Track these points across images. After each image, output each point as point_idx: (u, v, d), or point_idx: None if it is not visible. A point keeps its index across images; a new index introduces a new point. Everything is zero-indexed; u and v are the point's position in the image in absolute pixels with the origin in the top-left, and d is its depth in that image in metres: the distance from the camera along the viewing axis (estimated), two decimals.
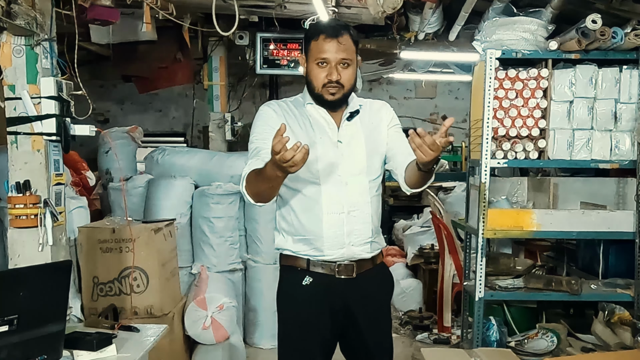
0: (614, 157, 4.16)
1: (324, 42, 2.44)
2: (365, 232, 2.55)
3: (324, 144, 2.51)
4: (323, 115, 2.55)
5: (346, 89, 2.49)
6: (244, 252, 5.29)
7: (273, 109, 2.56)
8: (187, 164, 5.20)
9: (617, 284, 4.24)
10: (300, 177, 2.43)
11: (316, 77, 2.46)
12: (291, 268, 2.60)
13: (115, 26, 4.37)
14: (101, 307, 3.77)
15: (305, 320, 2.56)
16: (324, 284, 2.53)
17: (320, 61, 2.44)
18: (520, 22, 4.15)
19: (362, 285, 2.56)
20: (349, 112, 2.57)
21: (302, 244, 2.53)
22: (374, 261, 2.62)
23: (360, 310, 2.58)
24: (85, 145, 6.92)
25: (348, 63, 2.46)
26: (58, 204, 3.07)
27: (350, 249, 2.53)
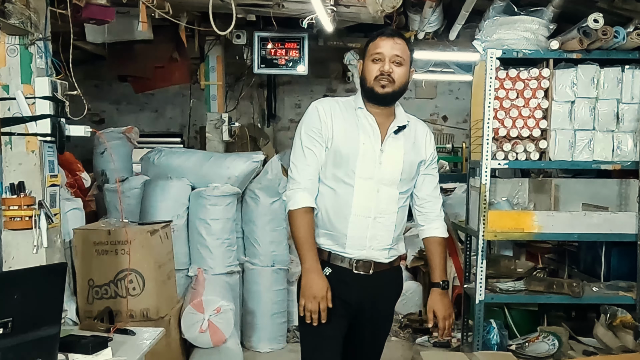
0: (616, 158, 4.17)
1: (380, 40, 2.64)
2: (387, 239, 2.72)
3: (366, 149, 2.67)
4: (370, 122, 2.70)
5: (397, 85, 2.63)
6: (241, 254, 5.29)
7: (324, 107, 2.71)
8: (184, 165, 5.20)
9: (619, 286, 4.26)
10: (337, 176, 2.66)
11: (370, 72, 2.64)
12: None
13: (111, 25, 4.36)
14: (96, 310, 3.78)
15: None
16: (341, 276, 2.70)
17: (375, 57, 2.63)
18: (521, 22, 4.16)
19: (377, 283, 2.73)
20: (397, 125, 2.72)
21: (327, 238, 2.71)
22: (391, 264, 2.78)
23: (368, 306, 2.75)
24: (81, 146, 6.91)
25: (401, 62, 2.63)
26: (53, 206, 3.06)
27: (370, 252, 2.70)
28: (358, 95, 2.76)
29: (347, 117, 2.70)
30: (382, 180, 2.67)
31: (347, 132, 2.67)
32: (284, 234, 5.41)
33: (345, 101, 2.77)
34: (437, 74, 8.44)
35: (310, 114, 2.71)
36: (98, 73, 8.34)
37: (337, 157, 2.65)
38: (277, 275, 5.32)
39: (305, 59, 5.90)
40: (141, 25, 4.41)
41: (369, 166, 2.65)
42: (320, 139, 2.67)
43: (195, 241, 4.98)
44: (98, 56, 6.64)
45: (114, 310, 3.69)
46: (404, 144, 2.72)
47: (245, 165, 5.11)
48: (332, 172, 2.67)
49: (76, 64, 3.20)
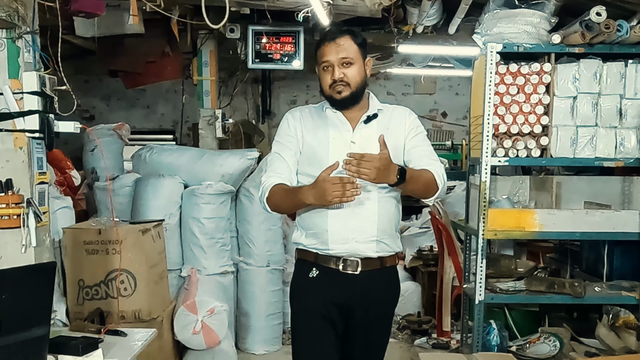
0: (619, 155, 4.19)
1: (324, 47, 2.73)
2: (370, 229, 2.71)
3: (337, 143, 2.73)
4: (339, 118, 2.78)
5: (353, 86, 2.71)
6: (235, 254, 5.30)
7: (293, 115, 2.86)
8: (176, 163, 5.20)
9: (622, 286, 4.27)
10: (311, 174, 2.66)
11: (323, 80, 2.75)
12: (302, 261, 2.83)
13: (101, 19, 4.37)
14: (87, 311, 3.79)
15: (311, 310, 2.75)
16: (328, 277, 2.73)
17: (324, 65, 2.73)
18: (522, 15, 4.17)
19: (366, 284, 2.72)
20: (367, 115, 2.78)
21: (312, 238, 2.75)
22: (382, 262, 2.76)
23: (359, 309, 2.74)
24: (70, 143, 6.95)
25: (350, 62, 2.70)
26: (42, 204, 3.07)
27: (354, 245, 2.70)
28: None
29: (317, 119, 2.82)
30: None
31: (317, 131, 2.78)
32: (279, 233, 5.42)
33: (318, 105, 2.89)
34: (436, 69, 8.47)
35: (282, 124, 2.87)
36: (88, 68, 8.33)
37: (310, 155, 2.76)
38: (272, 276, 5.33)
39: (300, 54, 5.90)
40: (132, 18, 4.40)
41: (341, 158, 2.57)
42: (291, 145, 2.79)
43: (188, 240, 4.99)
44: (88, 50, 6.63)
45: (105, 311, 3.70)
46: (377, 131, 2.71)
47: (240, 162, 5.11)
48: (307, 171, 2.75)
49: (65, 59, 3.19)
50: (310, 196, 2.55)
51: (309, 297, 2.77)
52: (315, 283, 2.75)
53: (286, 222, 5.92)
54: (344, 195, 2.46)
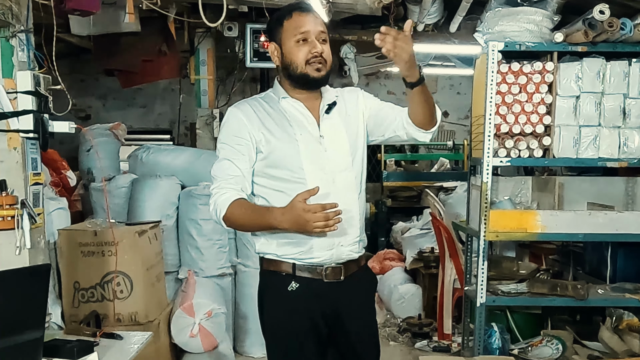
0: (622, 155, 4.18)
1: (300, 17, 2.47)
2: (355, 230, 2.57)
3: (306, 141, 2.51)
4: (300, 110, 2.55)
5: (328, 65, 2.50)
6: (233, 256, 5.29)
7: (243, 112, 2.53)
8: (173, 163, 5.21)
9: (626, 288, 4.26)
10: (283, 177, 2.49)
11: (297, 55, 2.46)
12: (274, 273, 2.56)
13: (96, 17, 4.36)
14: (82, 313, 3.78)
15: (292, 329, 2.54)
16: (310, 289, 2.52)
17: (300, 37, 2.45)
18: (524, 13, 4.17)
19: (350, 288, 2.58)
20: (327, 104, 2.57)
21: (289, 247, 2.51)
22: (358, 263, 2.63)
23: (349, 315, 2.60)
24: (66, 143, 6.93)
25: (325, 39, 2.49)
26: (36, 205, 3.07)
27: (340, 249, 2.53)
28: (277, 87, 2.59)
29: (273, 114, 2.54)
30: (334, 168, 2.52)
31: (278, 129, 2.51)
32: None
33: (265, 96, 2.62)
34: (437, 68, 8.48)
35: (228, 121, 2.54)
36: (84, 67, 8.35)
37: (276, 158, 2.49)
38: None
39: None
40: (128, 16, 4.41)
41: (315, 156, 2.50)
42: (242, 149, 2.48)
43: (186, 242, 4.99)
44: (84, 49, 6.64)
45: (101, 314, 3.69)
46: (341, 121, 2.58)
47: None
48: (275, 175, 2.49)
49: (60, 57, 3.20)
50: (284, 223, 2.32)
51: (288, 314, 2.54)
52: (294, 298, 2.52)
53: None
54: (327, 225, 2.26)
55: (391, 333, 5.73)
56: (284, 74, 2.56)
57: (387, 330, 5.81)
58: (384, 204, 8.26)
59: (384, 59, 7.72)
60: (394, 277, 6.43)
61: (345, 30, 6.47)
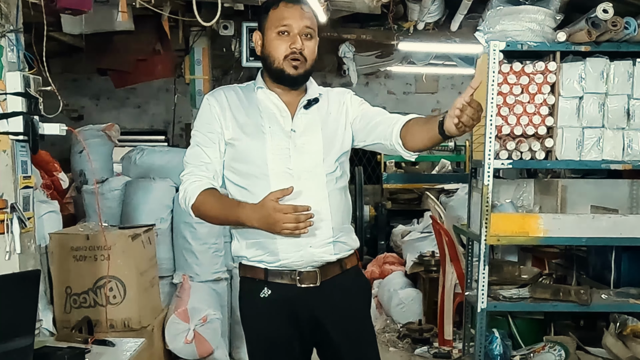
0: (626, 157, 4.19)
1: (286, 8, 2.40)
2: (325, 232, 2.44)
3: (274, 134, 2.44)
4: (275, 102, 2.48)
5: (308, 64, 2.43)
6: (229, 260, 5.29)
7: (217, 100, 2.49)
8: (168, 165, 5.20)
9: (630, 293, 4.27)
10: (247, 172, 2.43)
11: (276, 48, 2.40)
12: (249, 279, 2.51)
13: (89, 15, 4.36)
14: (74, 319, 3.78)
15: (268, 337, 2.49)
16: (284, 295, 2.45)
17: (281, 29, 2.39)
18: (526, 12, 4.17)
19: (330, 294, 2.47)
20: (307, 99, 2.50)
21: (256, 249, 2.44)
22: (342, 266, 2.52)
23: (331, 322, 2.50)
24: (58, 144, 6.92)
25: (311, 34, 2.43)
26: (26, 209, 3.07)
27: (309, 250, 2.42)
28: (258, 76, 2.53)
29: (246, 103, 2.48)
30: (301, 164, 2.42)
31: (248, 120, 2.44)
32: None
33: (246, 86, 2.56)
34: (438, 67, 8.48)
35: (202, 109, 2.51)
36: (76, 66, 8.34)
37: (242, 151, 2.43)
38: None
39: None
40: (121, 15, 4.42)
41: (283, 152, 2.42)
42: (213, 137, 2.44)
43: (180, 246, 4.99)
44: (76, 48, 6.63)
45: (93, 320, 3.69)
46: (319, 118, 2.50)
47: None
48: (240, 169, 2.44)
49: (52, 56, 3.21)
50: (254, 221, 2.26)
51: (264, 322, 2.48)
52: (268, 305, 2.45)
53: None
54: (298, 228, 2.20)
55: (391, 339, 5.74)
56: (263, 65, 2.50)
57: (387, 335, 5.81)
58: (383, 206, 8.27)
59: (384, 58, 7.73)
60: (394, 282, 6.44)
61: (344, 29, 6.48)
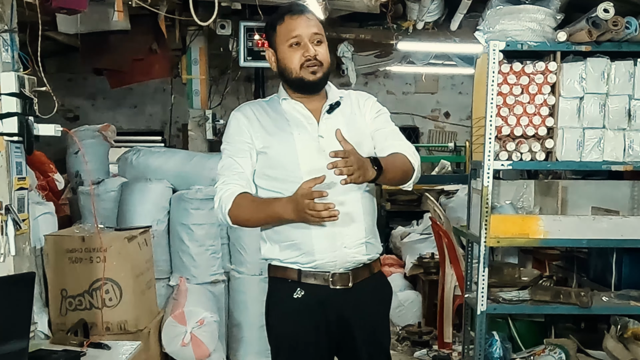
0: (627, 158, 4.18)
1: (292, 20, 2.52)
2: (357, 232, 2.58)
3: (304, 141, 2.56)
4: (300, 111, 2.61)
5: (325, 67, 2.55)
6: (226, 262, 5.30)
7: (244, 113, 2.63)
8: (164, 166, 5.21)
9: (631, 295, 4.26)
10: (280, 178, 2.54)
11: (291, 60, 2.53)
12: (281, 280, 2.61)
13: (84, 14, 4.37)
14: (70, 322, 3.78)
15: (298, 338, 2.58)
16: (317, 296, 2.55)
17: (292, 41, 2.51)
18: (526, 11, 4.17)
19: (359, 296, 2.59)
20: (329, 104, 2.62)
21: (291, 250, 2.55)
22: (371, 269, 2.65)
23: (357, 324, 2.61)
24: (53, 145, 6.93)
25: (320, 40, 2.54)
26: (21, 211, 3.08)
27: (343, 251, 2.54)
28: (280, 89, 2.67)
29: (273, 114, 2.62)
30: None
31: (276, 129, 2.58)
32: None
33: (270, 100, 2.71)
34: (438, 67, 8.50)
35: (230, 123, 2.64)
36: (72, 66, 8.34)
37: (273, 157, 2.56)
38: (265, 285, 5.26)
39: None
40: (117, 14, 4.43)
41: (313, 157, 2.52)
42: (244, 150, 2.57)
43: (177, 248, 5.00)
44: (72, 47, 6.64)
45: (89, 323, 3.69)
46: (343, 121, 2.59)
47: None
48: (273, 175, 2.56)
49: (48, 56, 3.22)
50: (290, 211, 2.36)
51: (293, 322, 2.58)
52: (300, 305, 2.56)
53: None
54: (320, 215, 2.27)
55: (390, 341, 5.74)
56: (281, 80, 2.63)
57: None
58: (382, 207, 8.28)
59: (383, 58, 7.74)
60: (393, 284, 6.31)
61: (342, 29, 6.49)
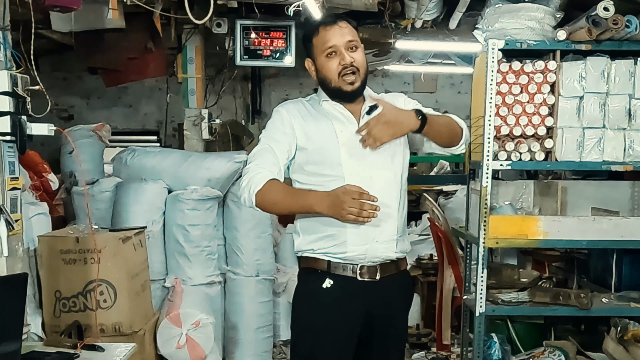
0: (628, 158, 4.18)
1: (326, 32, 2.66)
2: (391, 228, 2.71)
3: (346, 139, 2.69)
4: (341, 111, 2.74)
5: (362, 73, 2.68)
6: (223, 263, 5.30)
7: (286, 110, 2.77)
8: (160, 166, 5.21)
9: (631, 297, 4.27)
10: (322, 173, 2.68)
11: (329, 70, 2.67)
12: (311, 270, 2.74)
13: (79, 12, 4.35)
14: (64, 324, 3.79)
15: (323, 327, 2.69)
16: (344, 287, 2.68)
17: (328, 52, 2.65)
18: (525, 9, 4.17)
19: (385, 290, 2.73)
20: (368, 105, 2.73)
21: (323, 242, 2.67)
22: (398, 266, 2.78)
23: (379, 317, 2.74)
24: (48, 145, 6.93)
25: (355, 45, 2.67)
26: (14, 211, 3.08)
27: (374, 245, 2.67)
28: (320, 91, 2.80)
29: (314, 112, 2.77)
30: (372, 165, 2.68)
31: (319, 126, 2.72)
32: (269, 241, 5.42)
33: (310, 98, 2.85)
34: (437, 66, 8.49)
35: (273, 118, 2.77)
36: (66, 64, 8.33)
37: (317, 153, 2.69)
38: (262, 286, 5.34)
39: (292, 50, 5.92)
40: (112, 12, 4.42)
41: (354, 154, 2.67)
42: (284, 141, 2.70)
43: (172, 249, 4.99)
44: (66, 46, 6.61)
45: (83, 325, 3.71)
46: None
47: (227, 166, 5.12)
48: (315, 171, 2.69)
49: (42, 54, 3.22)
50: (324, 206, 2.49)
51: (322, 311, 2.70)
52: (328, 295, 2.69)
53: (277, 229, 5.93)
54: (361, 214, 2.40)
55: None
56: (322, 88, 2.78)
57: None
58: None
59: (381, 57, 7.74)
60: None
61: None
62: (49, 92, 3.20)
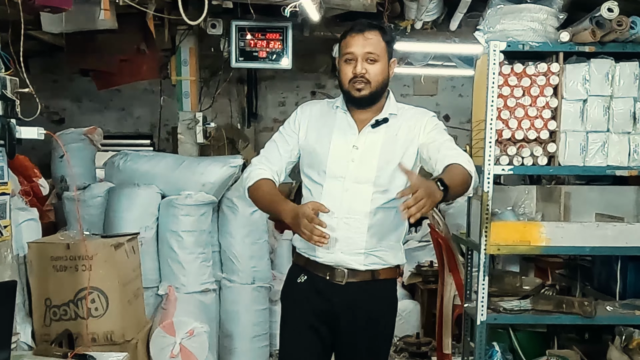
0: (632, 162, 4.18)
1: (351, 38, 2.82)
2: (358, 242, 2.84)
3: (338, 147, 2.87)
4: (348, 120, 2.91)
5: (374, 86, 2.81)
6: (217, 270, 5.30)
7: (302, 110, 3.02)
8: (153, 171, 5.21)
9: (636, 305, 4.27)
10: (311, 177, 2.90)
11: (344, 74, 2.84)
12: (294, 265, 3.07)
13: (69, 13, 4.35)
14: (55, 332, 3.78)
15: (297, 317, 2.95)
16: (315, 285, 2.91)
17: (347, 57, 2.81)
18: (527, 10, 4.18)
19: (352, 295, 2.87)
20: (376, 119, 2.87)
21: (302, 241, 2.86)
22: (374, 275, 2.89)
23: (346, 321, 2.89)
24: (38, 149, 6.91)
25: (375, 58, 2.79)
26: (2, 217, 3.07)
27: (339, 255, 2.85)
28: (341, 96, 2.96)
29: (325, 117, 2.96)
30: (356, 178, 2.83)
31: (320, 131, 2.92)
32: (265, 247, 5.42)
33: (330, 101, 3.03)
34: (437, 68, 8.47)
35: (291, 116, 3.04)
36: (57, 66, 8.31)
37: (310, 157, 2.93)
38: (257, 294, 5.34)
39: (289, 51, 5.91)
40: (103, 13, 4.41)
41: (341, 164, 2.84)
42: (290, 139, 2.98)
43: (166, 256, 4.99)
44: (57, 47, 6.61)
45: (74, 333, 3.70)
46: (383, 138, 2.87)
47: (222, 170, 5.12)
48: (307, 173, 2.94)
49: (32, 56, 3.22)
50: (288, 218, 2.70)
51: (295, 303, 2.98)
52: (302, 289, 2.94)
53: (273, 236, 5.93)
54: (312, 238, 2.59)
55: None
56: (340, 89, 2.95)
57: None
58: None
59: None
60: None
61: (337, 28, 6.45)
62: (39, 94, 3.20)
